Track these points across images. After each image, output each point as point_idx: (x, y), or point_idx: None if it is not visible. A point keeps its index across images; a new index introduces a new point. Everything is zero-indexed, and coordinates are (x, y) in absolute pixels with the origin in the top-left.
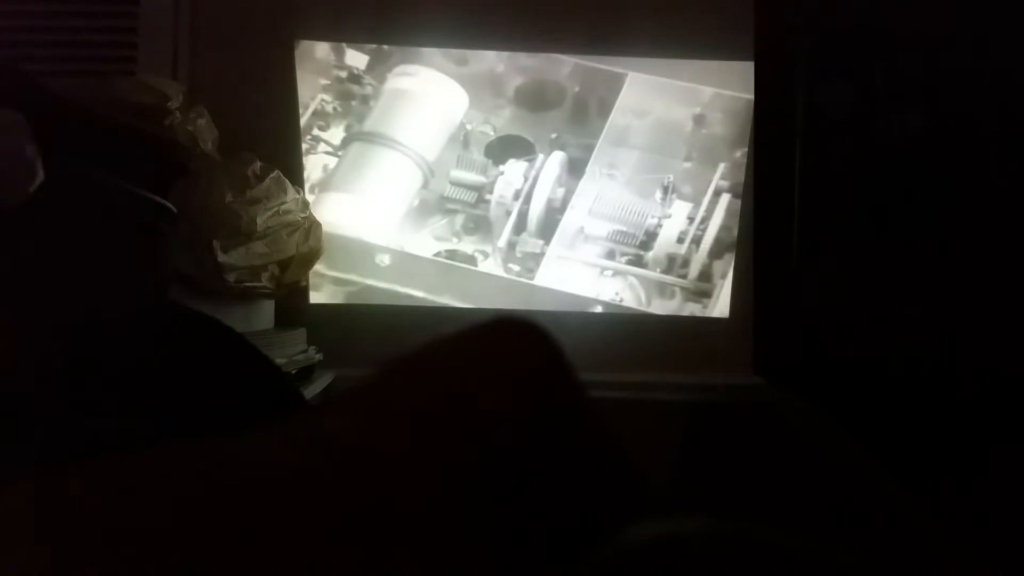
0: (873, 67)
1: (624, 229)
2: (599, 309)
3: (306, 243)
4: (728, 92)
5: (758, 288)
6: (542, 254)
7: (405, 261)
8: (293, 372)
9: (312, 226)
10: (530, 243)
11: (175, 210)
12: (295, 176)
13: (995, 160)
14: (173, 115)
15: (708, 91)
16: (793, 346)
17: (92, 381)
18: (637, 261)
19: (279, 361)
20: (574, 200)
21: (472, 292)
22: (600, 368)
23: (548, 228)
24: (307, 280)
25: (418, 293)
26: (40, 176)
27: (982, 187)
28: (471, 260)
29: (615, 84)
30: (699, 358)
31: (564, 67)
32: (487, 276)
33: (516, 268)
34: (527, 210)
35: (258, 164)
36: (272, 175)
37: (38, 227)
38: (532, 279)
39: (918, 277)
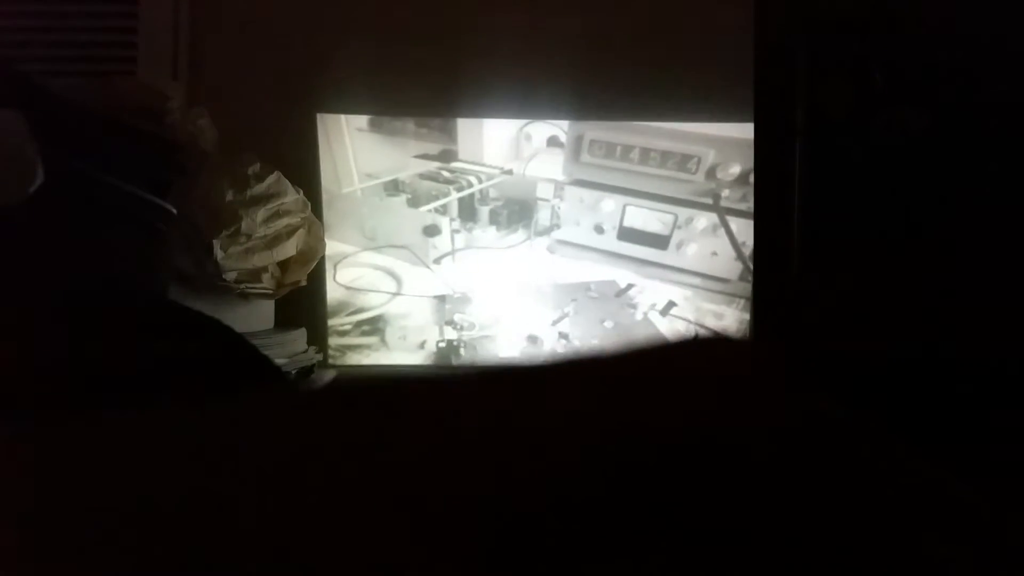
0: (873, 66)
1: None
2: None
3: (306, 243)
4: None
5: (757, 287)
6: None
7: None
8: (293, 372)
9: (312, 226)
10: None
11: (174, 210)
12: (300, 178)
13: (997, 159)
14: (173, 115)
15: None
16: (793, 345)
17: (90, 381)
18: None
19: (279, 361)
20: None
21: None
22: None
23: None
24: (307, 280)
25: None
26: (40, 176)
27: (984, 186)
28: None
29: None
30: None
31: None
32: None
33: None
34: None
35: (258, 164)
36: (272, 175)
37: (38, 227)
38: None
39: (919, 276)
